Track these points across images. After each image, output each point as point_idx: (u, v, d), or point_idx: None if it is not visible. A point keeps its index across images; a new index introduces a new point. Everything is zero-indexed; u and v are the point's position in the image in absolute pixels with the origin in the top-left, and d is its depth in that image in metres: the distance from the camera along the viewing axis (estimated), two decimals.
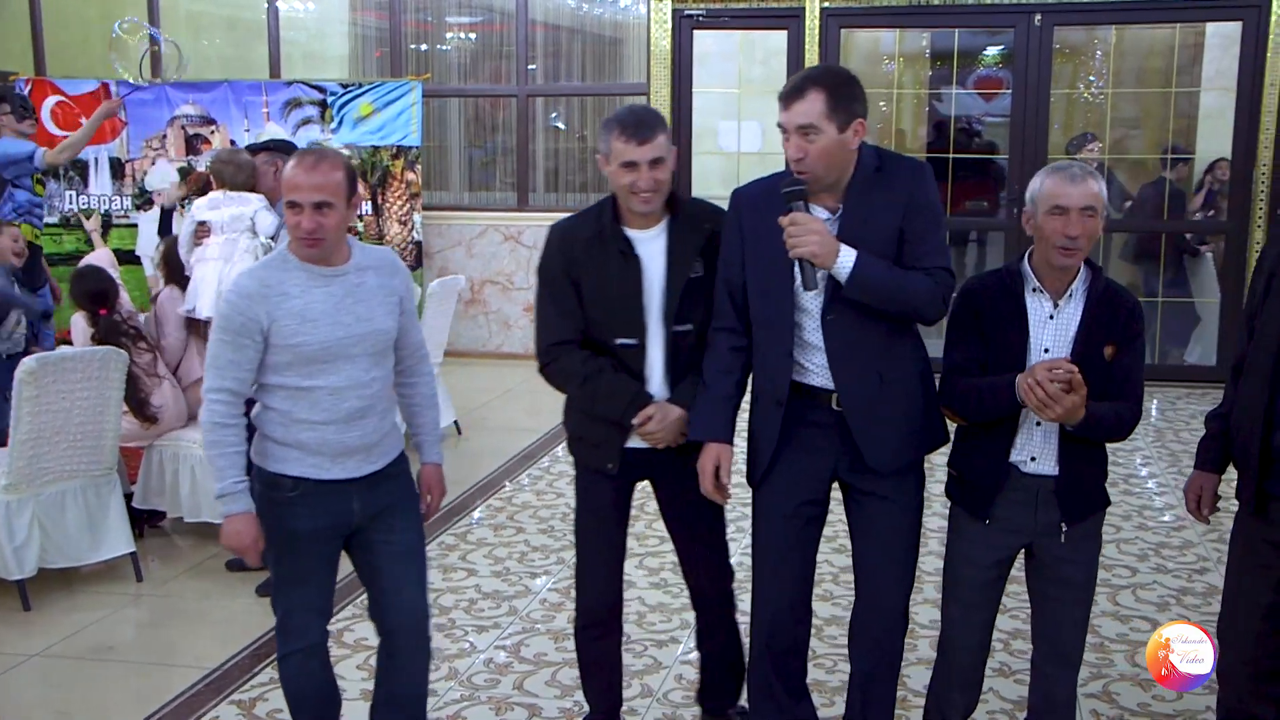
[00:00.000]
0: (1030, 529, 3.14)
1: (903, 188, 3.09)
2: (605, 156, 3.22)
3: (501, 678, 4.23)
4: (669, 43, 9.47)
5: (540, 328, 3.38)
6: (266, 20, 10.63)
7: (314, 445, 3.12)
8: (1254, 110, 8.77)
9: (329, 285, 3.10)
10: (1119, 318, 3.05)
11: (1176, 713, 3.96)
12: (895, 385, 3.15)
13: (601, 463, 3.37)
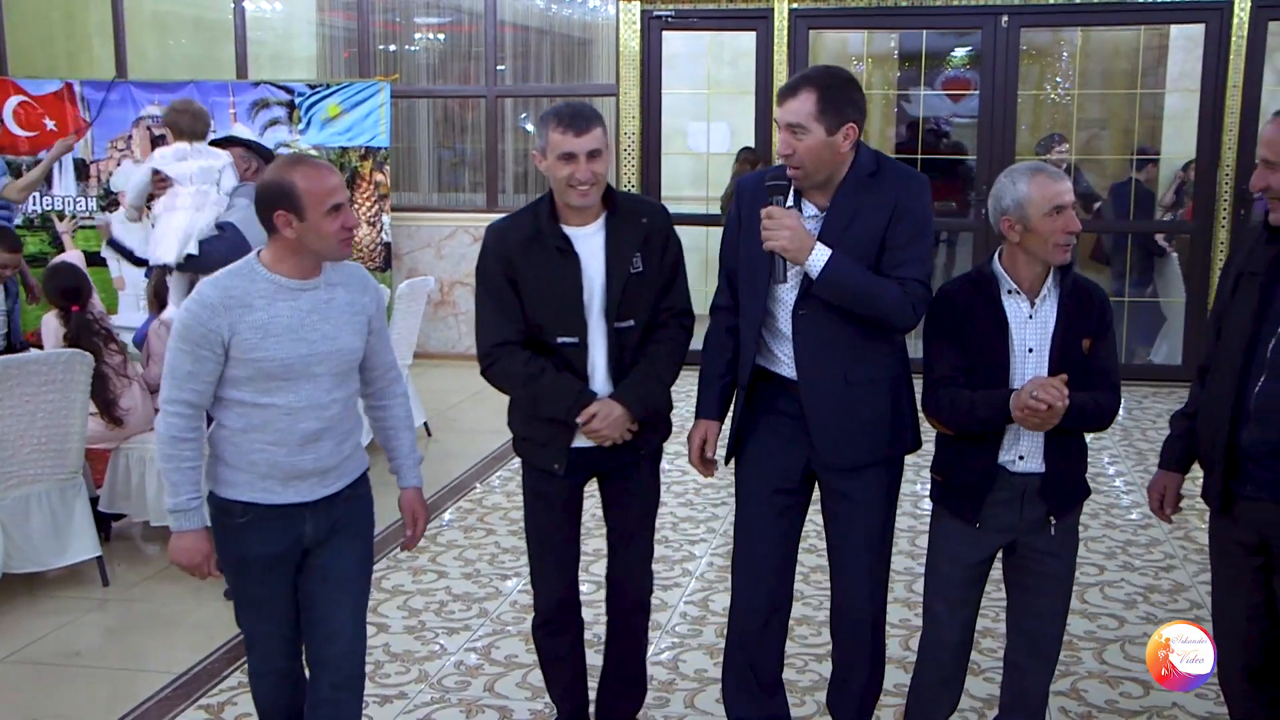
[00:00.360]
0: (1015, 527, 3.18)
1: (892, 195, 3.14)
2: (541, 151, 3.19)
3: (472, 680, 4.21)
4: (638, 43, 9.47)
5: (481, 330, 3.33)
6: (233, 20, 10.55)
7: (264, 467, 2.98)
8: (1217, 111, 8.84)
9: (296, 300, 2.95)
10: (1093, 311, 3.12)
11: (1144, 709, 3.99)
12: (861, 388, 3.21)
13: (548, 463, 3.34)
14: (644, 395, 3.27)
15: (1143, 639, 4.51)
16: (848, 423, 3.22)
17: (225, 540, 3.07)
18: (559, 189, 3.19)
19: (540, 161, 3.22)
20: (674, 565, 5.30)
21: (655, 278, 3.29)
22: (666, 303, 3.34)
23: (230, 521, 3.04)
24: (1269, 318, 2.91)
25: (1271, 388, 2.88)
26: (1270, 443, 2.89)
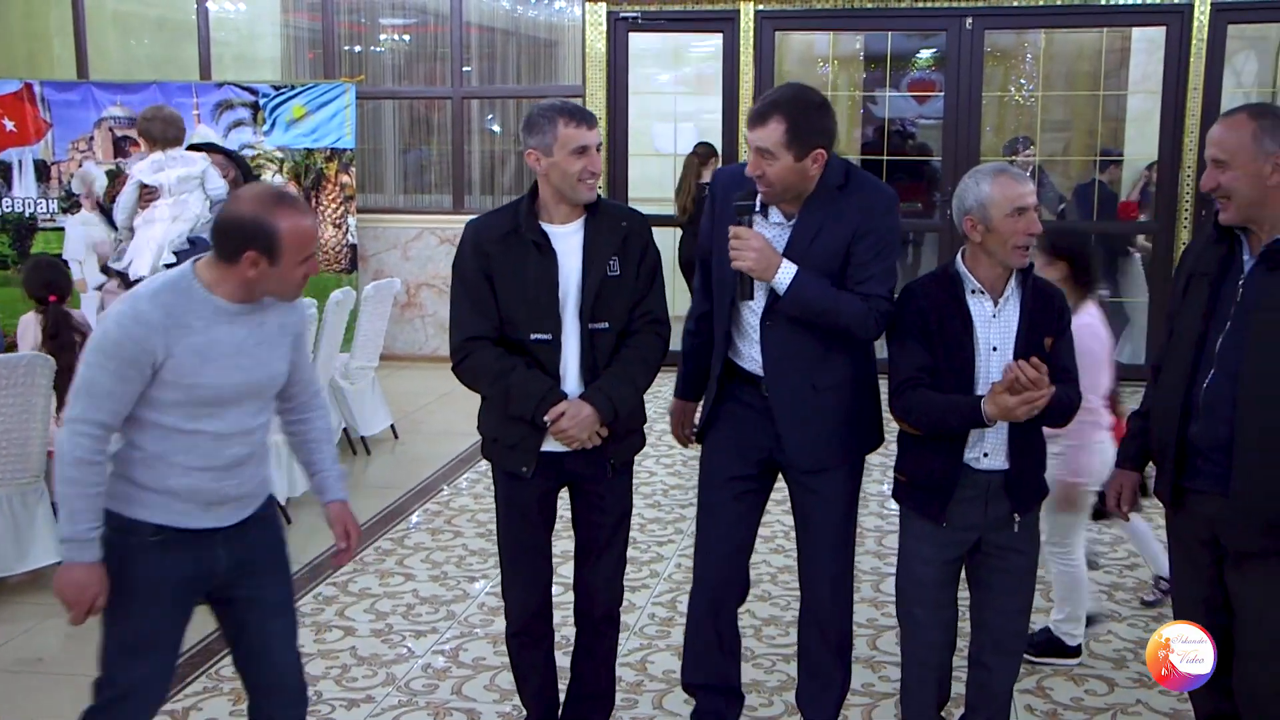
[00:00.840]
0: (981, 524, 3.22)
1: (859, 211, 3.22)
2: (544, 149, 3.16)
3: (440, 683, 4.19)
4: (604, 45, 9.46)
5: (454, 324, 3.31)
6: (196, 21, 10.48)
7: (186, 493, 2.78)
8: (1178, 113, 8.93)
9: (233, 324, 2.77)
10: (1052, 310, 3.18)
11: (1109, 706, 4.02)
12: (828, 393, 3.31)
13: (516, 465, 3.31)
14: (614, 397, 3.23)
15: (1107, 636, 4.55)
16: (816, 426, 3.32)
17: (124, 564, 2.76)
18: (568, 185, 3.19)
19: (540, 160, 3.18)
20: (642, 567, 5.30)
21: (631, 282, 3.29)
22: (642, 308, 3.33)
23: (135, 541, 2.78)
24: (1217, 315, 2.97)
25: (1219, 383, 2.95)
26: (1218, 437, 2.95)
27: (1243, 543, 2.96)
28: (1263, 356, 2.86)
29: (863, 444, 3.46)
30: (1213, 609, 3.09)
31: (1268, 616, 2.96)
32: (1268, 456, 2.87)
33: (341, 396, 7.07)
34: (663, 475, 6.70)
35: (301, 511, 6.02)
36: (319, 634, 4.58)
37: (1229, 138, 2.90)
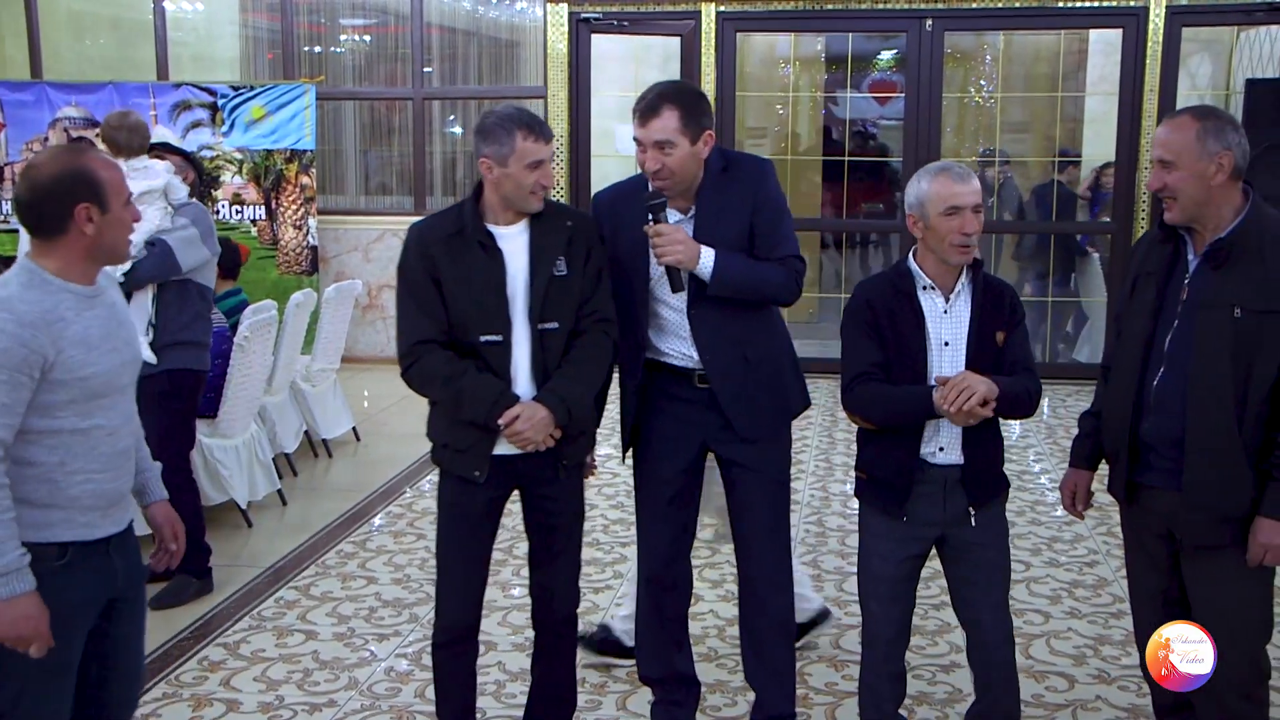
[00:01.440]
0: (941, 520, 3.24)
1: (749, 186, 3.41)
2: (499, 159, 3.15)
3: (403, 686, 4.17)
4: (565, 46, 9.45)
5: (401, 329, 3.29)
6: (153, 21, 10.37)
7: (88, 500, 2.67)
8: (1135, 114, 9.02)
9: (95, 307, 2.69)
10: (1004, 305, 3.22)
11: (1069, 702, 4.05)
12: (760, 364, 3.45)
13: (468, 470, 3.27)
14: (567, 398, 3.23)
15: (1067, 633, 4.59)
16: (755, 398, 3.45)
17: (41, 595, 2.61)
18: (519, 196, 3.20)
19: (493, 169, 3.17)
20: (605, 568, 5.30)
21: (578, 281, 3.30)
22: (589, 308, 3.33)
23: (44, 568, 2.61)
24: (1165, 313, 3.04)
25: (1169, 380, 3.00)
26: (1169, 433, 3.00)
27: (1197, 536, 3.02)
28: (1210, 353, 2.92)
29: (795, 407, 3.61)
30: (1168, 602, 3.18)
31: (1223, 608, 3.01)
32: (1219, 451, 2.93)
33: (302, 399, 7.03)
34: (625, 476, 6.67)
35: (262, 515, 5.98)
36: (280, 638, 4.55)
37: (1174, 139, 2.94)
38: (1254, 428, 2.92)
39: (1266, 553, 2.91)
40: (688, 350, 3.44)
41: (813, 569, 5.25)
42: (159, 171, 4.95)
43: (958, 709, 3.99)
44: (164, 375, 4.72)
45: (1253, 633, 3.01)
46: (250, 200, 9.73)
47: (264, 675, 4.24)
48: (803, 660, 4.33)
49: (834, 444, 7.31)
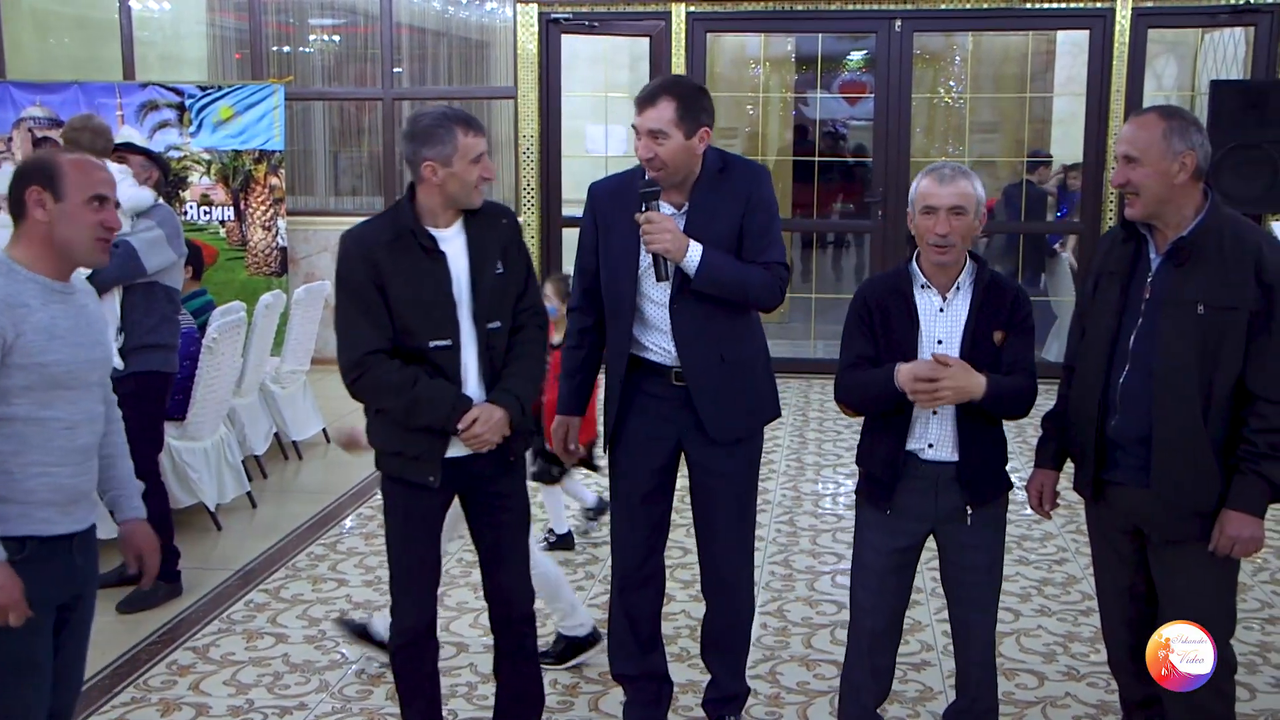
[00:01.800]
0: (932, 516, 3.25)
1: (743, 188, 3.45)
2: (443, 159, 3.14)
3: (374, 689, 4.15)
4: (536, 46, 9.44)
5: (346, 340, 3.21)
6: (119, 20, 10.29)
7: (45, 493, 2.68)
8: (1102, 114, 9.08)
9: (64, 302, 2.73)
10: (1004, 305, 3.21)
11: (1039, 699, 4.07)
12: (735, 365, 3.48)
13: (423, 475, 3.26)
14: (520, 395, 3.28)
15: (1037, 631, 4.61)
16: (727, 398, 3.49)
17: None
18: (465, 192, 3.20)
19: (438, 171, 3.16)
20: (577, 569, 5.29)
21: (514, 278, 3.34)
22: (523, 303, 3.37)
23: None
24: (1129, 311, 3.08)
25: (1134, 377, 3.04)
26: (1136, 430, 3.04)
27: (1166, 531, 3.05)
28: (1175, 350, 2.96)
29: (766, 414, 3.64)
30: (1136, 597, 3.23)
31: (1191, 602, 3.04)
32: (1186, 446, 2.97)
33: (272, 400, 6.99)
34: (597, 477, 6.68)
35: (231, 518, 5.95)
36: (250, 641, 4.53)
37: (1140, 136, 2.99)
38: (1219, 423, 2.96)
39: (1234, 545, 2.95)
40: (667, 345, 3.47)
41: (784, 568, 5.27)
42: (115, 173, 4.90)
43: (929, 707, 4.01)
44: (131, 378, 4.69)
45: (1220, 626, 3.04)
46: (219, 201, 9.67)
47: (234, 679, 4.21)
48: (774, 660, 4.35)
49: (805, 443, 7.33)
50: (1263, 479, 2.92)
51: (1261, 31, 8.91)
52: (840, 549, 5.52)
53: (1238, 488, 2.94)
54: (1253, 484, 2.93)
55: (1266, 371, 2.91)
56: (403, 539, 3.36)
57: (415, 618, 3.41)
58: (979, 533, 3.26)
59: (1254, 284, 2.91)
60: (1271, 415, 2.90)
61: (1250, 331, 2.92)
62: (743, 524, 3.63)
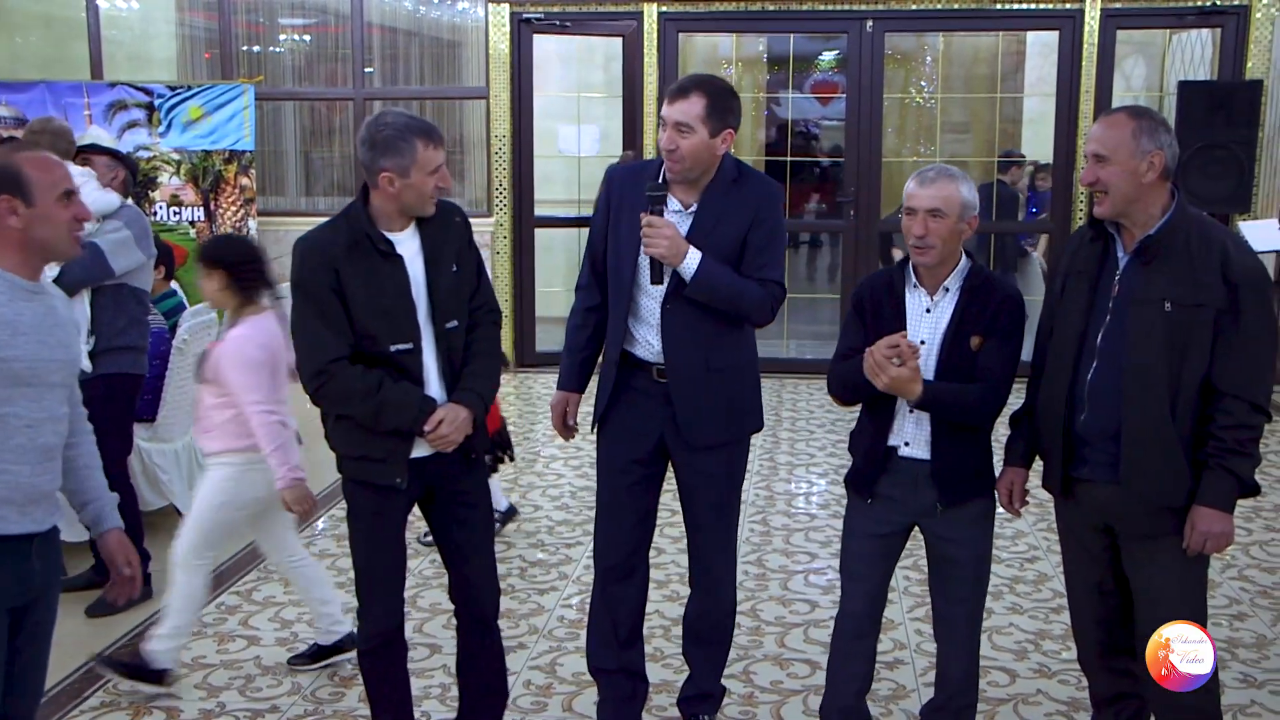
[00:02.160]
0: (913, 507, 3.31)
1: (754, 202, 3.47)
2: (401, 170, 3.12)
3: (346, 691, 4.14)
4: (507, 46, 9.41)
5: (308, 347, 3.19)
6: (86, 18, 10.20)
7: (3, 489, 2.64)
8: (1072, 115, 9.13)
9: (32, 301, 2.70)
10: (988, 310, 3.22)
11: (1010, 696, 4.09)
12: (720, 373, 3.50)
13: (389, 478, 3.25)
14: (483, 394, 3.32)
15: (1009, 629, 4.64)
16: (708, 405, 3.51)
17: None
18: (420, 201, 3.19)
19: (395, 182, 3.14)
20: (550, 569, 5.28)
21: (468, 276, 3.35)
22: (478, 300, 3.38)
23: None
24: (1096, 309, 3.11)
25: (1102, 374, 3.07)
26: (1104, 426, 3.07)
27: (1136, 527, 3.08)
28: (1143, 347, 2.99)
29: (746, 424, 3.65)
30: (1105, 594, 3.26)
31: (1162, 597, 3.07)
32: (1155, 442, 2.99)
33: None
34: (571, 477, 6.69)
35: None
36: (221, 644, 4.50)
37: (1110, 135, 3.02)
38: (1187, 419, 2.98)
39: (1206, 541, 2.97)
40: (653, 340, 3.50)
41: (757, 568, 5.27)
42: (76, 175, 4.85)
43: (902, 705, 4.02)
44: (100, 380, 4.65)
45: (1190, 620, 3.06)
46: (188, 201, 9.60)
47: (205, 682, 4.19)
48: (748, 660, 4.35)
49: (778, 443, 7.35)
50: (1231, 474, 2.95)
51: (1228, 33, 8.98)
52: (813, 548, 5.53)
53: (1207, 483, 2.97)
54: (1221, 479, 2.96)
55: (1233, 368, 2.94)
56: (369, 542, 3.35)
57: (384, 620, 3.40)
58: (957, 529, 3.30)
59: (1220, 282, 2.93)
60: (1238, 411, 2.93)
61: (1217, 329, 2.94)
62: (723, 522, 3.66)
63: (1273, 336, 2.99)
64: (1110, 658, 3.33)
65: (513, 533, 5.74)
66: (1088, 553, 3.25)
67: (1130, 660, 3.27)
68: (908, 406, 3.22)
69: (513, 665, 4.31)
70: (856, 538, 3.43)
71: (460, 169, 10.44)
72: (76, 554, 5.19)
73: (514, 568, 5.27)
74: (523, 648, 4.47)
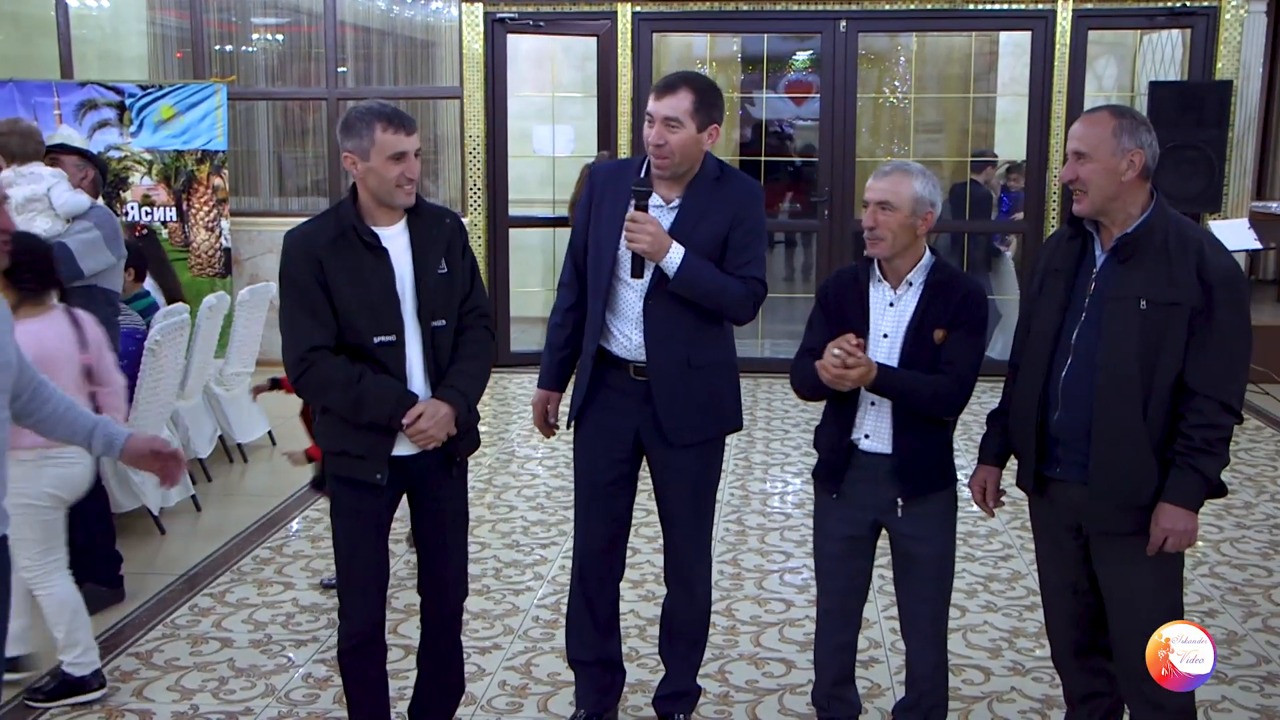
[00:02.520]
0: (875, 505, 3.33)
1: (736, 200, 3.50)
2: (361, 153, 3.16)
3: (321, 692, 4.12)
4: (481, 46, 9.39)
5: (291, 336, 3.21)
6: (55, 16, 10.12)
7: None
8: (1045, 115, 9.18)
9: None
10: (951, 304, 3.25)
11: (985, 694, 4.11)
12: (700, 370, 3.52)
13: (369, 474, 3.26)
14: (466, 393, 3.31)
15: (983, 626, 4.66)
16: (688, 402, 3.53)
17: None
18: (385, 190, 3.20)
19: (357, 164, 3.18)
20: (525, 569, 5.28)
21: (459, 279, 3.35)
22: (469, 304, 3.39)
23: None
24: (1073, 307, 3.13)
25: (1076, 372, 3.09)
26: (1077, 425, 3.08)
27: (1104, 524, 3.09)
28: (1117, 344, 3.00)
29: (725, 424, 3.67)
30: (1079, 592, 3.26)
31: (1132, 596, 3.09)
32: (1124, 440, 3.01)
33: (217, 403, 6.92)
34: (545, 478, 6.69)
35: (175, 522, 5.88)
36: (195, 646, 4.47)
37: (1091, 133, 3.03)
38: (1158, 418, 2.99)
39: (1168, 538, 2.99)
40: (631, 335, 3.51)
41: (733, 567, 5.28)
42: (43, 177, 4.80)
43: (877, 704, 4.03)
44: None
45: (1164, 619, 3.08)
46: (160, 202, 9.54)
47: (178, 685, 4.16)
48: (723, 659, 4.36)
49: (753, 442, 7.36)
50: (1197, 473, 2.96)
51: (1198, 34, 9.05)
52: (789, 547, 5.54)
53: (1173, 481, 2.98)
54: (1188, 478, 2.97)
55: (1205, 368, 2.96)
56: (350, 540, 3.36)
57: (364, 620, 3.40)
58: (918, 524, 3.32)
59: (1195, 282, 2.95)
60: (1208, 411, 2.94)
61: (1191, 328, 2.95)
62: (699, 521, 3.69)
63: (1246, 337, 3.01)
64: (1084, 657, 3.35)
65: (488, 533, 5.73)
66: (1061, 551, 3.26)
67: (1104, 659, 3.29)
68: (870, 399, 3.25)
69: (488, 665, 4.31)
70: (826, 538, 3.47)
71: (435, 169, 10.42)
72: None
73: (489, 568, 5.26)
74: (498, 648, 4.46)
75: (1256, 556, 5.47)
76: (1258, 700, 4.02)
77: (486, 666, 4.31)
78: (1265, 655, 4.38)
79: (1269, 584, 5.13)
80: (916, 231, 3.23)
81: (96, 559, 4.84)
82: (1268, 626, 4.66)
